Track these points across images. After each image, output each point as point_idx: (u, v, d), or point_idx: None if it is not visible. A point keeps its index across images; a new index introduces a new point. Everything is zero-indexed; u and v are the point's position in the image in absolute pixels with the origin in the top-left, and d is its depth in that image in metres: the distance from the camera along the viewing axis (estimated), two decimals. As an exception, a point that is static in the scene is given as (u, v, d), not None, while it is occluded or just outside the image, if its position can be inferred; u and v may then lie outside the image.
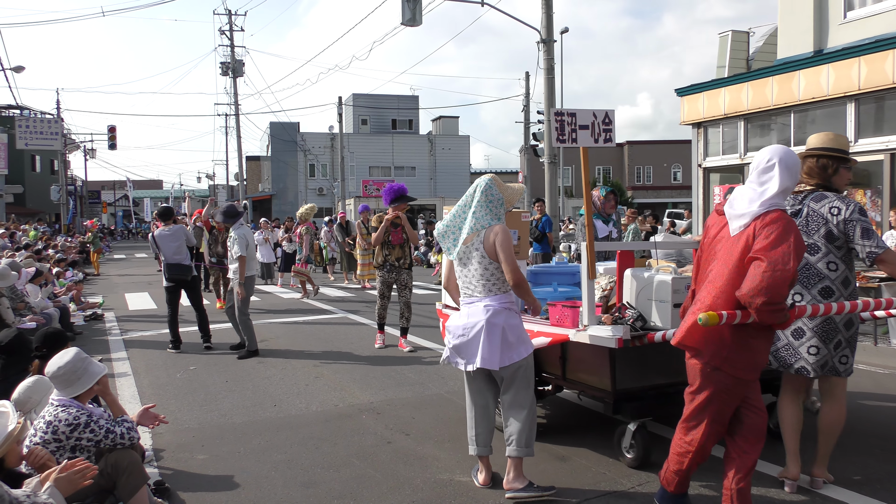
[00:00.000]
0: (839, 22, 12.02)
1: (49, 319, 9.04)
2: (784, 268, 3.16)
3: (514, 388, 4.18)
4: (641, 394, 4.61)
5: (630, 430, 4.55)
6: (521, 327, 4.23)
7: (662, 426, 5.21)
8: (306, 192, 49.06)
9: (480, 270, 4.17)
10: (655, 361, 4.56)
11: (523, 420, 4.12)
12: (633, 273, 4.68)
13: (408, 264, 8.59)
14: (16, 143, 37.44)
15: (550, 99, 17.27)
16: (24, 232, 24.38)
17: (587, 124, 4.66)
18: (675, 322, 4.24)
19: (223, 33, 40.54)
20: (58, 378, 3.69)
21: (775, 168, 3.42)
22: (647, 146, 54.06)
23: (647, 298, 4.52)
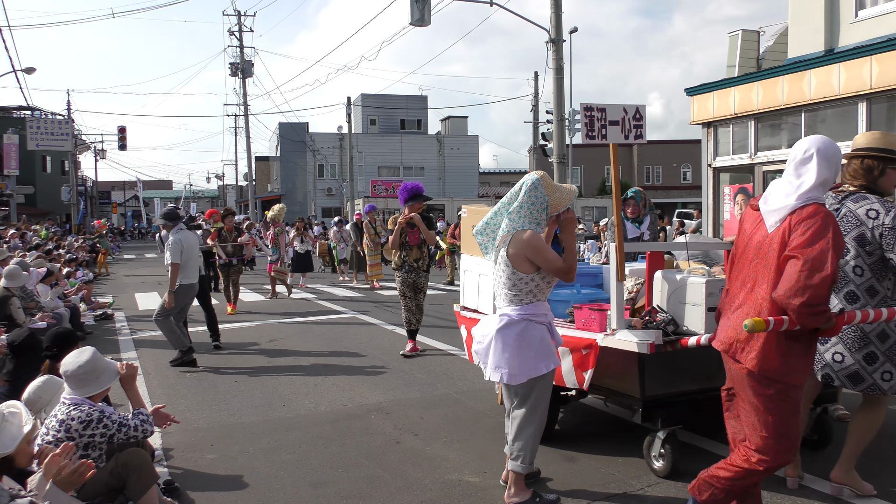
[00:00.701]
0: (851, 21, 11.94)
1: (60, 319, 9.09)
2: (822, 266, 2.92)
3: (527, 403, 3.98)
4: (671, 401, 4.42)
5: (660, 438, 4.37)
6: (544, 341, 3.95)
7: (692, 434, 5.03)
8: (315, 193, 49.17)
9: (503, 279, 3.97)
10: (685, 367, 4.36)
11: (529, 437, 3.96)
12: (664, 275, 4.49)
13: (426, 266, 8.35)
14: (27, 143, 37.70)
15: (559, 99, 17.23)
16: (34, 232, 24.53)
17: (617, 120, 4.47)
18: (709, 326, 4.07)
19: (232, 34, 40.74)
20: (74, 377, 3.69)
21: (813, 159, 3.15)
22: (657, 146, 53.89)
23: (678, 301, 4.34)
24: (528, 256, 3.85)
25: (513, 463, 3.99)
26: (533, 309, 3.92)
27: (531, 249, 3.84)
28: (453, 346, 8.75)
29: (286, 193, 51.28)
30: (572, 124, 26.78)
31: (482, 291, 5.49)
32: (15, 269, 8.35)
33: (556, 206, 4.01)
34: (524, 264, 3.88)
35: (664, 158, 53.03)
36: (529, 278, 3.90)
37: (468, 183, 50.97)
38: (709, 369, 4.28)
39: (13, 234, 20.98)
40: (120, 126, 42.80)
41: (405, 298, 8.28)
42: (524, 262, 3.87)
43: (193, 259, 8.13)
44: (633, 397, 4.40)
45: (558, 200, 4.00)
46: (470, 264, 5.71)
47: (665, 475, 4.34)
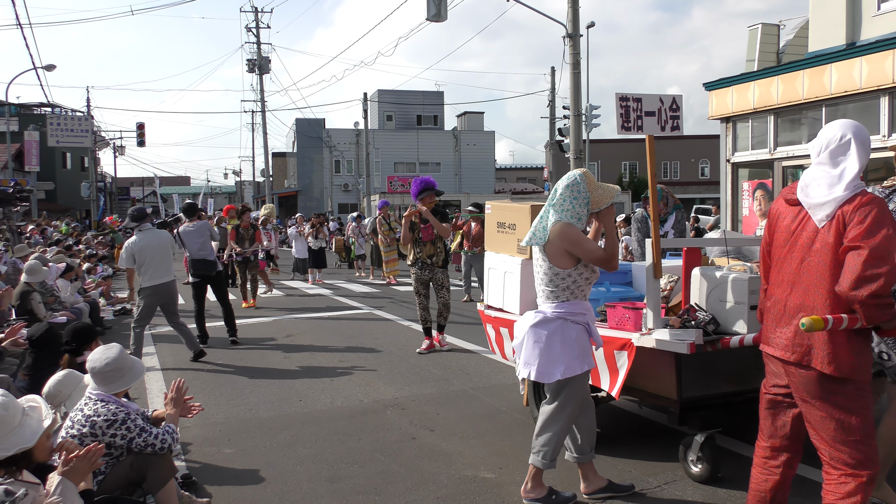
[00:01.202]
0: (872, 14, 11.78)
1: (79, 314, 9.18)
2: (887, 254, 2.76)
3: (556, 401, 3.94)
4: (708, 403, 4.29)
5: (697, 441, 4.21)
6: (580, 341, 3.86)
7: (728, 438, 4.85)
8: (332, 188, 49.31)
9: (541, 274, 3.92)
10: (722, 367, 4.22)
11: (554, 435, 3.91)
12: (703, 272, 4.32)
13: (441, 262, 8.17)
14: (47, 140, 38.09)
15: (577, 94, 17.14)
16: (55, 228, 24.79)
17: (653, 111, 4.33)
18: (752, 325, 3.93)
19: (250, 31, 40.86)
20: (102, 374, 3.70)
21: (851, 145, 2.99)
22: (675, 141, 53.35)
23: (719, 299, 4.17)
24: (567, 249, 3.80)
25: (533, 457, 3.96)
26: (570, 307, 3.85)
27: (569, 241, 3.79)
28: (469, 341, 8.74)
29: (303, 189, 51.47)
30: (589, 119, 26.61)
31: (507, 290, 5.36)
32: (35, 265, 8.44)
33: (597, 202, 3.95)
34: (562, 258, 3.82)
35: (682, 154, 52.60)
36: (566, 274, 3.83)
37: (485, 179, 50.88)
38: (746, 370, 4.17)
39: (33, 229, 21.23)
40: (139, 122, 43.08)
41: (419, 296, 8.20)
42: (562, 256, 3.81)
43: (158, 259, 7.79)
44: (668, 399, 4.26)
45: (600, 197, 3.95)
46: (494, 262, 5.57)
47: (703, 480, 4.21)
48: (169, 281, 7.89)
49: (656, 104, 3.78)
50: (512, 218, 5.30)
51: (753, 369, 3.96)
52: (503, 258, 5.39)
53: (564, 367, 3.82)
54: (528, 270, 4.80)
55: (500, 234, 5.47)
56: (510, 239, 5.30)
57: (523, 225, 5.07)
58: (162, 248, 7.87)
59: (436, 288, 8.22)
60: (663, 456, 4.65)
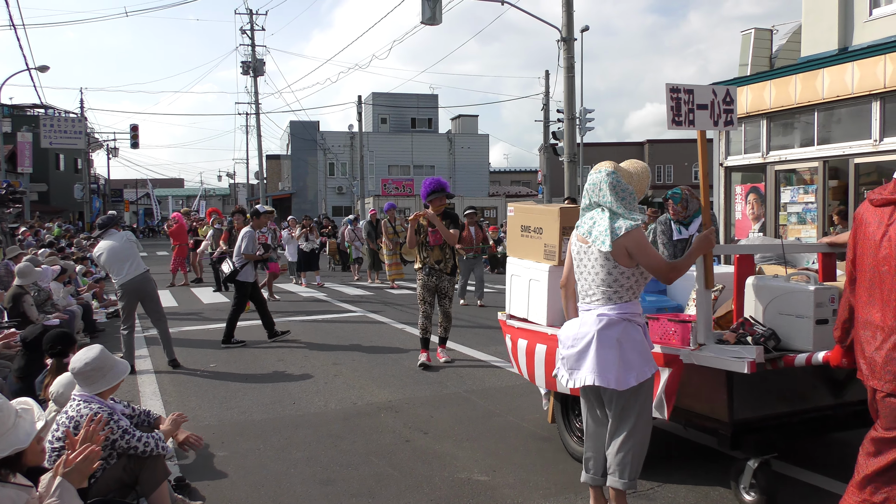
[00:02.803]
0: (865, 19, 11.85)
1: (72, 317, 9.14)
2: None
3: (627, 412, 3.59)
4: (762, 425, 3.93)
5: (751, 467, 3.83)
6: (644, 343, 3.62)
7: (785, 464, 4.48)
8: (326, 191, 49.27)
9: (603, 275, 3.59)
10: (777, 386, 3.90)
11: (632, 448, 3.55)
12: (760, 282, 3.96)
13: (450, 268, 7.67)
14: (40, 141, 37.98)
15: (570, 97, 17.19)
16: (47, 230, 24.71)
17: (706, 103, 3.97)
18: (819, 341, 3.62)
19: (244, 33, 40.80)
20: (82, 374, 3.71)
21: None
22: (668, 145, 53.63)
23: (779, 312, 3.80)
24: (630, 250, 3.52)
25: (612, 479, 3.60)
26: (632, 308, 3.61)
27: (634, 243, 3.52)
28: (463, 344, 8.74)
29: (297, 192, 51.40)
30: (583, 123, 26.71)
31: (533, 298, 4.92)
32: (27, 267, 8.41)
33: (640, 191, 3.74)
34: (626, 258, 3.56)
35: (675, 157, 52.75)
36: (630, 273, 3.58)
37: (479, 182, 50.90)
38: (801, 388, 3.93)
39: (25, 231, 21.15)
40: (132, 124, 43.03)
41: (424, 303, 7.68)
42: (625, 256, 3.56)
43: (122, 257, 7.77)
44: (718, 421, 3.88)
45: (639, 186, 3.76)
46: (518, 269, 5.11)
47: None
48: (139, 274, 7.82)
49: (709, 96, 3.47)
50: (538, 221, 4.91)
51: (810, 387, 3.83)
52: (528, 264, 4.97)
53: (637, 371, 3.53)
54: (556, 277, 4.46)
55: (524, 238, 5.04)
56: (536, 244, 4.90)
57: (551, 229, 4.74)
58: (124, 246, 7.84)
59: (439, 296, 7.72)
60: (712, 482, 4.30)
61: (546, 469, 4.62)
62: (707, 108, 3.97)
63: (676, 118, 3.84)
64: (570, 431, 4.83)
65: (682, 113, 3.86)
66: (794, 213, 11.87)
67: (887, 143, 10.41)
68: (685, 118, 3.87)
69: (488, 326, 10.19)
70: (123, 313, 7.90)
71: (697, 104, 3.91)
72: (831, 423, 4.21)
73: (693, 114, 3.90)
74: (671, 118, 3.84)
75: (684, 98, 3.87)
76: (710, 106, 3.98)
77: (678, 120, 3.86)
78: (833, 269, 4.33)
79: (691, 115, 3.90)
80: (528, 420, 5.66)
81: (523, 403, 6.14)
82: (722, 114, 4.04)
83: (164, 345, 8.03)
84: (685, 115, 3.87)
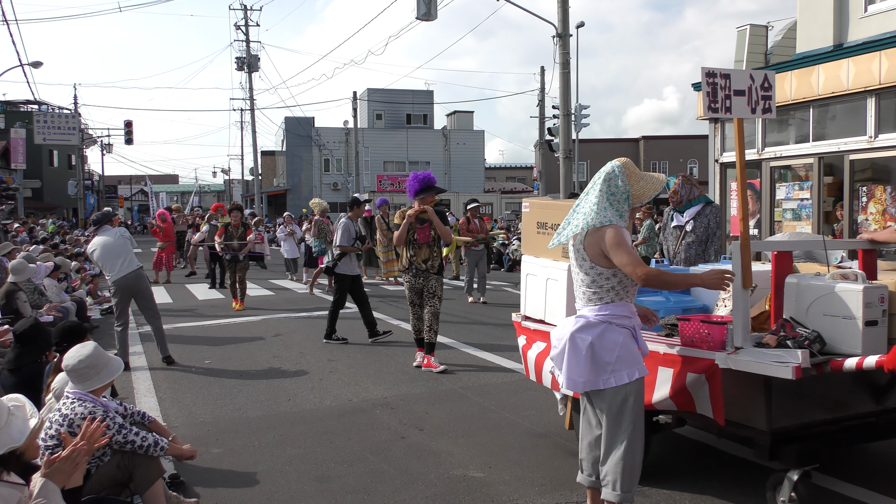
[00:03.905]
0: (860, 15, 11.85)
1: (66, 313, 9.10)
2: None
3: (612, 419, 3.42)
4: (801, 433, 3.69)
5: (790, 480, 3.58)
6: (627, 346, 3.40)
7: (826, 476, 4.20)
8: (321, 187, 49.21)
9: (581, 275, 3.50)
10: (817, 392, 3.65)
11: (619, 460, 3.38)
12: (803, 280, 3.70)
13: (437, 268, 7.37)
14: (34, 138, 37.83)
15: (566, 94, 17.19)
16: (42, 227, 24.62)
17: (743, 89, 3.75)
18: (868, 345, 3.43)
19: (239, 28, 40.75)
20: (76, 372, 3.69)
21: None
22: (664, 141, 53.71)
23: (823, 314, 3.57)
24: (603, 250, 3.40)
25: (605, 491, 3.45)
26: (615, 309, 3.43)
27: (610, 242, 3.37)
28: (459, 340, 8.74)
29: (292, 188, 51.32)
30: (578, 119, 26.69)
31: (550, 299, 4.67)
32: (20, 264, 8.37)
33: (639, 196, 3.51)
34: (602, 258, 3.43)
35: (671, 154, 52.79)
36: (611, 273, 3.42)
37: (474, 178, 50.92)
38: (842, 394, 3.72)
39: (18, 227, 21.07)
40: (126, 120, 42.92)
41: (413, 306, 7.44)
42: (600, 255, 3.43)
43: (115, 254, 7.73)
44: (755, 429, 3.63)
45: (641, 190, 3.50)
46: (534, 268, 4.87)
47: None
48: (132, 271, 7.78)
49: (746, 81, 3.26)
50: (555, 217, 4.63)
51: (850, 393, 3.67)
52: (545, 263, 4.71)
53: (612, 374, 3.37)
54: None
55: (540, 235, 4.80)
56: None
57: None
58: (117, 242, 7.79)
59: (427, 296, 7.35)
60: (745, 495, 4.06)
61: (542, 465, 4.62)
62: (744, 95, 3.76)
63: (713, 105, 3.66)
64: None
65: (718, 99, 3.66)
66: (789, 210, 11.89)
67: (882, 140, 10.42)
68: (721, 105, 3.68)
69: (485, 323, 10.18)
70: (117, 310, 7.89)
71: (734, 90, 3.71)
72: (874, 432, 4.00)
73: (730, 100, 3.69)
74: (707, 104, 3.65)
75: (721, 83, 3.66)
76: (747, 92, 3.77)
77: (714, 107, 3.67)
78: (874, 266, 4.11)
79: (728, 102, 3.70)
80: (523, 416, 5.66)
81: (519, 400, 6.14)
82: (760, 100, 3.82)
83: (158, 341, 8.00)
84: (721, 101, 3.68)
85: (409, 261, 7.35)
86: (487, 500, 4.13)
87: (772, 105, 3.87)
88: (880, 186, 10.69)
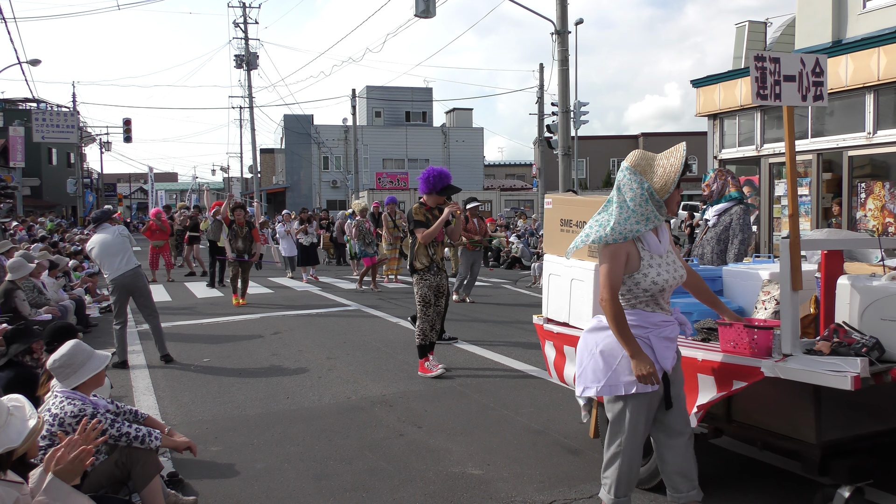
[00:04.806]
0: (858, 12, 11.86)
1: (65, 312, 9.11)
2: None
3: (610, 424, 3.28)
4: (852, 446, 3.43)
5: (842, 496, 3.34)
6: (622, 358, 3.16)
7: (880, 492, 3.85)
8: (320, 185, 49.20)
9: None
10: (869, 402, 3.42)
11: (614, 464, 3.26)
12: (857, 282, 3.44)
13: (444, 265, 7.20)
14: (32, 136, 37.80)
15: (565, 91, 17.17)
16: (41, 225, 24.60)
17: (793, 74, 3.54)
18: None
19: (237, 26, 40.65)
20: (57, 370, 3.72)
21: None
22: (663, 138, 53.65)
23: (880, 318, 3.32)
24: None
25: (603, 491, 3.35)
26: (632, 317, 3.20)
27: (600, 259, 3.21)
28: (456, 336, 8.73)
29: (291, 186, 51.31)
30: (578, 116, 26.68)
31: (575, 300, 4.42)
32: (18, 262, 8.38)
33: (663, 185, 3.15)
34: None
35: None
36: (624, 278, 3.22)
37: (473, 175, 50.89)
38: (890, 404, 3.49)
39: (17, 226, 21.05)
40: (125, 118, 42.75)
41: (429, 307, 6.99)
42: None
43: (114, 252, 7.71)
44: (803, 442, 3.38)
45: (663, 179, 3.15)
46: (557, 267, 4.61)
47: None
48: (129, 270, 7.75)
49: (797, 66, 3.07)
50: (580, 214, 4.44)
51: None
52: (569, 263, 4.43)
53: (616, 382, 3.18)
54: None
55: (564, 233, 4.57)
56: None
57: None
58: (116, 240, 7.76)
59: (439, 294, 7.10)
60: None
61: (540, 463, 4.62)
62: (794, 81, 3.55)
63: (762, 90, 3.45)
64: None
65: (767, 85, 3.46)
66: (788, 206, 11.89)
67: (881, 136, 10.43)
68: (770, 91, 3.47)
69: (484, 320, 10.18)
70: (115, 308, 7.88)
71: (784, 76, 3.50)
72: None
73: (779, 86, 3.48)
74: (756, 90, 3.45)
75: (770, 68, 3.47)
76: (797, 77, 3.55)
77: (763, 93, 3.46)
78: None
79: (777, 88, 3.48)
80: (522, 414, 5.66)
81: (518, 397, 6.15)
82: (811, 87, 3.59)
83: (156, 340, 7.99)
84: (770, 87, 3.47)
85: (430, 259, 7.00)
86: (486, 497, 4.13)
87: (823, 92, 3.64)
88: (879, 182, 10.69)
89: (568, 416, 5.57)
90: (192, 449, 4.10)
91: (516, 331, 9.04)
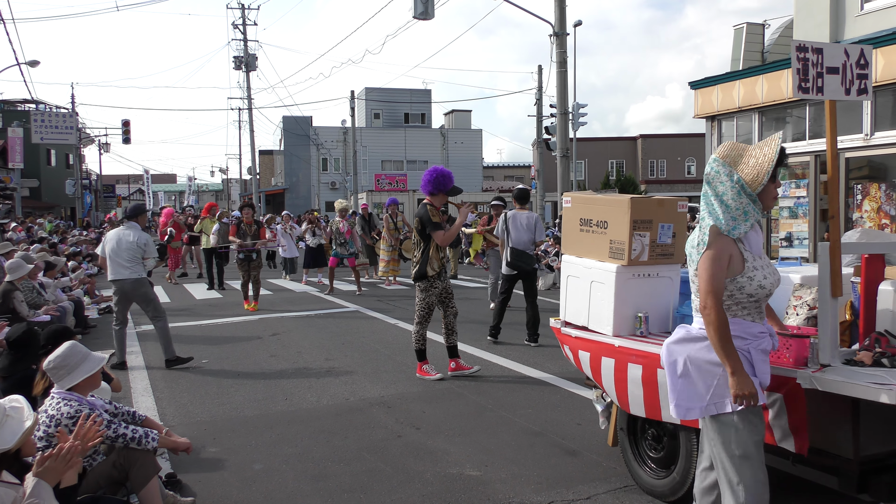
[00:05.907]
0: (856, 14, 11.88)
1: (63, 312, 9.10)
2: None
3: (716, 456, 2.93)
4: (892, 462, 3.22)
5: None
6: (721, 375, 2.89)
7: None
8: (319, 186, 49.20)
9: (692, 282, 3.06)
10: None
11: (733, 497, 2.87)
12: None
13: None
14: (31, 137, 37.75)
15: (563, 92, 17.20)
16: (40, 226, 24.58)
17: (837, 66, 3.36)
18: None
19: (236, 27, 40.69)
20: (53, 371, 3.72)
21: None
22: (661, 139, 53.70)
23: None
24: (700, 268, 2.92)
25: None
26: (731, 327, 2.90)
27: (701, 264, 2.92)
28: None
29: (290, 187, 51.31)
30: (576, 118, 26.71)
31: (595, 304, 4.26)
32: (16, 262, 8.38)
33: (755, 178, 2.88)
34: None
35: (668, 152, 52.80)
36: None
37: (472, 177, 50.90)
38: None
39: (16, 227, 21.04)
40: (124, 119, 42.78)
41: (430, 312, 6.89)
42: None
43: (113, 255, 7.64)
44: (840, 457, 3.18)
45: (755, 170, 2.89)
46: (576, 269, 4.45)
47: None
48: (120, 279, 7.63)
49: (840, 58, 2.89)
50: (602, 214, 4.23)
51: None
52: (589, 264, 4.29)
53: (719, 402, 2.88)
54: (624, 279, 4.01)
55: (584, 233, 4.38)
56: (599, 240, 4.22)
57: (619, 222, 4.06)
58: (120, 245, 7.63)
59: (446, 298, 6.94)
60: None
61: (538, 464, 4.63)
62: (838, 73, 3.37)
63: (804, 83, 3.28)
64: (639, 460, 4.16)
65: (809, 77, 3.29)
66: (785, 208, 11.91)
67: (878, 138, 10.44)
68: (813, 84, 3.30)
69: (482, 322, 10.18)
70: (115, 309, 7.83)
71: (827, 67, 3.33)
72: None
73: (822, 79, 3.31)
74: (797, 83, 3.28)
75: (812, 59, 3.28)
76: (841, 70, 3.37)
77: (805, 86, 3.29)
78: None
79: (820, 81, 3.31)
80: (520, 415, 5.67)
81: (515, 399, 6.15)
82: (855, 80, 3.40)
83: (162, 343, 7.83)
84: (813, 80, 3.30)
85: (441, 263, 6.78)
86: (484, 498, 4.14)
87: (868, 85, 3.44)
88: (875, 184, 10.71)
89: (566, 417, 5.58)
90: (189, 449, 4.11)
91: (515, 332, 9.05)
